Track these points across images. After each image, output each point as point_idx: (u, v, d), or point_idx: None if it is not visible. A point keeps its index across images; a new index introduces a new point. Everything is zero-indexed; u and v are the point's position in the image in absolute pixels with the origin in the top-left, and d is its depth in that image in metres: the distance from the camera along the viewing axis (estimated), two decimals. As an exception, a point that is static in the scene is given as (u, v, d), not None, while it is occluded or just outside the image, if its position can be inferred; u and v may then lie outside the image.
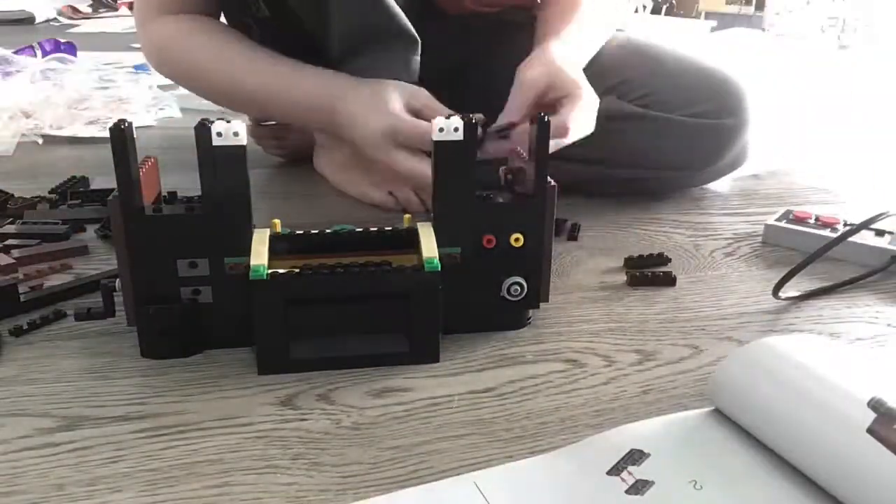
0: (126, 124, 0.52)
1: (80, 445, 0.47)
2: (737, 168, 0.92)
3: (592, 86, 0.75)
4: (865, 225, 0.72)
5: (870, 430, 0.40)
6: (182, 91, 1.49)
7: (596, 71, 0.82)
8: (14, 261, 0.69)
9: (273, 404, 0.52)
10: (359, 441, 0.48)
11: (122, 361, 0.57)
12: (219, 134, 0.53)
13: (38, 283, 0.68)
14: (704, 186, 0.96)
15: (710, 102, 0.87)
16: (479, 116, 0.66)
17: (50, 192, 0.91)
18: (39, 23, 2.76)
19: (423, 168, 0.73)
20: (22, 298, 0.64)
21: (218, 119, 0.53)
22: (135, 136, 0.53)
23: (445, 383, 0.55)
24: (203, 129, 0.53)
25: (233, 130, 0.53)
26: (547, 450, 0.47)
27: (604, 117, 0.77)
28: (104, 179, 0.96)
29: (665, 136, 0.87)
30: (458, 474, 0.45)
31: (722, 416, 0.48)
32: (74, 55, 1.69)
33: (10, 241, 0.76)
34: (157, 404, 0.52)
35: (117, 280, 0.56)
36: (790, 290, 0.68)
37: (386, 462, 0.46)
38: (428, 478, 0.45)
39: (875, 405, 0.41)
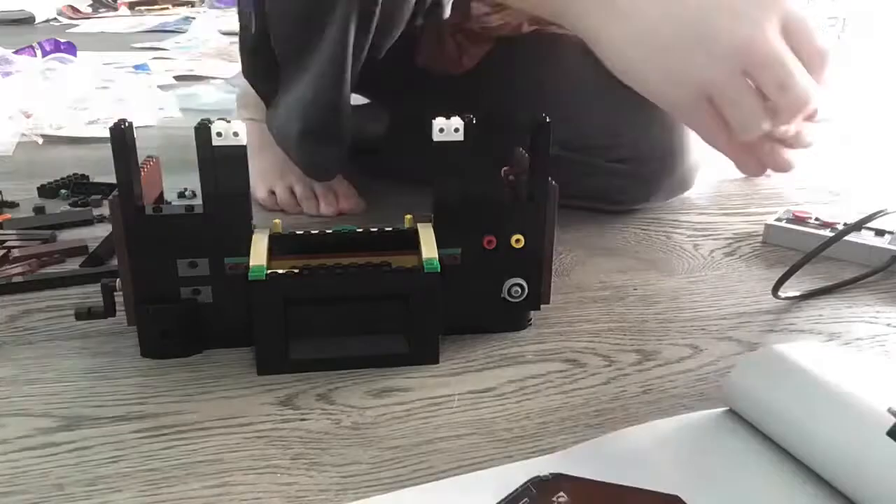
0: (126, 124, 0.52)
1: (80, 445, 0.47)
2: (678, 195, 0.87)
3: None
4: (863, 223, 0.72)
5: (890, 434, 0.40)
6: (182, 91, 1.50)
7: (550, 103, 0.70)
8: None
9: (273, 404, 0.52)
10: (359, 441, 0.48)
11: (122, 361, 0.57)
12: (219, 134, 0.53)
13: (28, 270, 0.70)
14: (702, 188, 0.96)
15: (630, 148, 0.79)
16: None
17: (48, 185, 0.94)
18: (39, 23, 2.76)
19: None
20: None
21: (218, 119, 0.53)
22: (135, 135, 0.53)
23: (445, 383, 0.55)
24: (203, 129, 0.53)
25: (233, 130, 0.53)
26: (547, 450, 0.47)
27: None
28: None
29: (589, 176, 0.81)
30: (457, 474, 0.45)
31: (735, 416, 0.49)
32: (74, 55, 1.69)
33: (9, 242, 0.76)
34: (157, 404, 0.52)
35: (118, 279, 0.56)
36: (790, 290, 0.68)
37: (386, 462, 0.46)
38: (428, 478, 0.45)
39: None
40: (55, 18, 2.87)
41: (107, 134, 0.53)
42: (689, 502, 0.41)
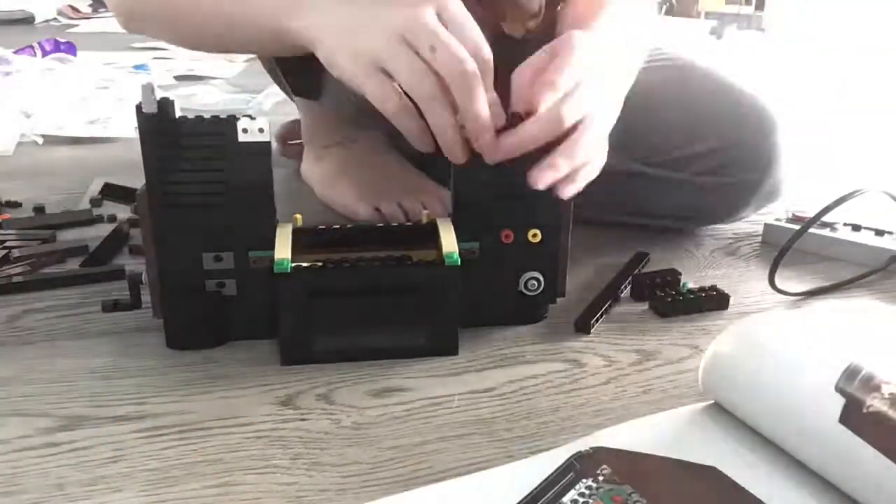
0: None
1: (80, 445, 0.47)
2: (766, 206, 0.81)
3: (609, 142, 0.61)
4: (839, 203, 0.70)
5: (841, 420, 0.41)
6: (183, 91, 1.50)
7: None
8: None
9: (273, 404, 0.52)
10: (359, 441, 0.48)
11: (122, 361, 0.57)
12: (244, 130, 0.54)
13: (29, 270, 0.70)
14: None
15: (719, 157, 0.76)
16: None
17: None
18: (39, 23, 2.76)
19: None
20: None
21: (243, 116, 0.54)
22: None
23: (446, 383, 0.55)
24: (229, 125, 0.54)
25: (258, 127, 0.54)
26: (547, 450, 0.47)
27: (606, 172, 0.63)
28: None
29: (669, 193, 0.79)
30: (458, 474, 0.45)
31: (718, 408, 0.49)
32: (74, 55, 1.70)
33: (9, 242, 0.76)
34: (157, 404, 0.52)
35: (142, 272, 0.57)
36: (791, 290, 0.68)
37: (386, 462, 0.46)
38: (428, 478, 0.45)
39: (845, 381, 0.41)
40: (55, 18, 2.88)
41: (107, 134, 0.53)
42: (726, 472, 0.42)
